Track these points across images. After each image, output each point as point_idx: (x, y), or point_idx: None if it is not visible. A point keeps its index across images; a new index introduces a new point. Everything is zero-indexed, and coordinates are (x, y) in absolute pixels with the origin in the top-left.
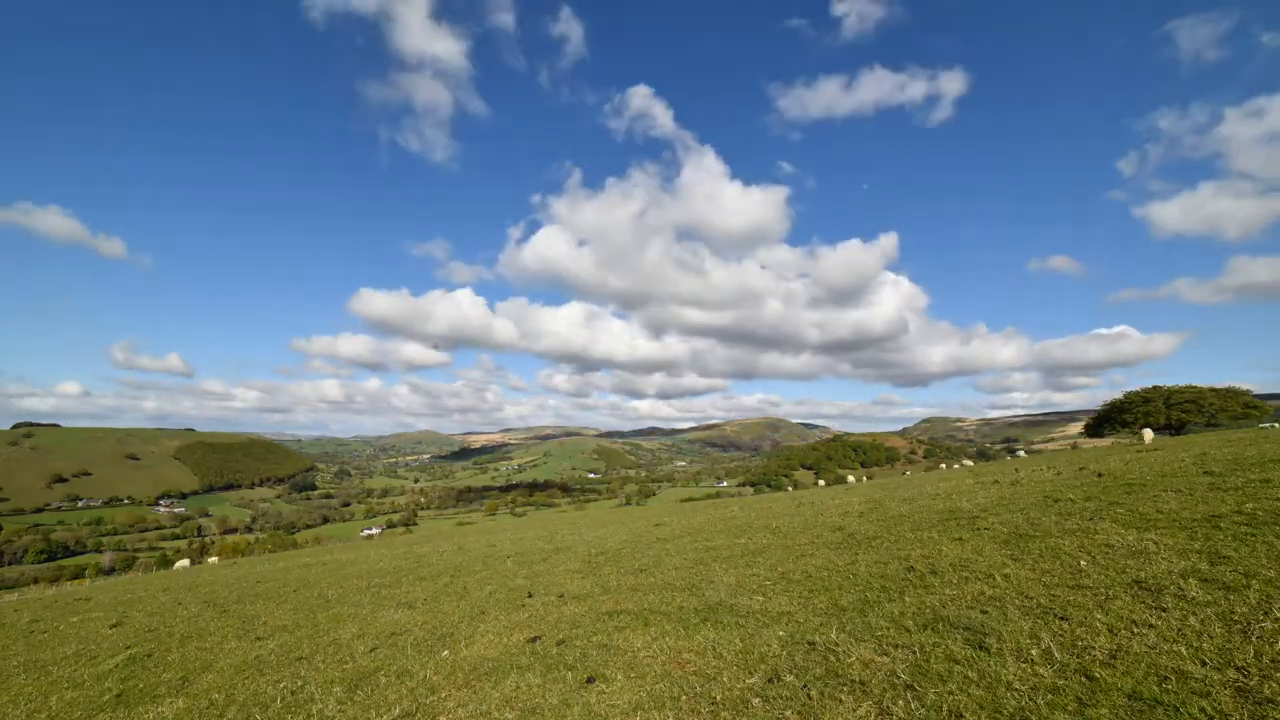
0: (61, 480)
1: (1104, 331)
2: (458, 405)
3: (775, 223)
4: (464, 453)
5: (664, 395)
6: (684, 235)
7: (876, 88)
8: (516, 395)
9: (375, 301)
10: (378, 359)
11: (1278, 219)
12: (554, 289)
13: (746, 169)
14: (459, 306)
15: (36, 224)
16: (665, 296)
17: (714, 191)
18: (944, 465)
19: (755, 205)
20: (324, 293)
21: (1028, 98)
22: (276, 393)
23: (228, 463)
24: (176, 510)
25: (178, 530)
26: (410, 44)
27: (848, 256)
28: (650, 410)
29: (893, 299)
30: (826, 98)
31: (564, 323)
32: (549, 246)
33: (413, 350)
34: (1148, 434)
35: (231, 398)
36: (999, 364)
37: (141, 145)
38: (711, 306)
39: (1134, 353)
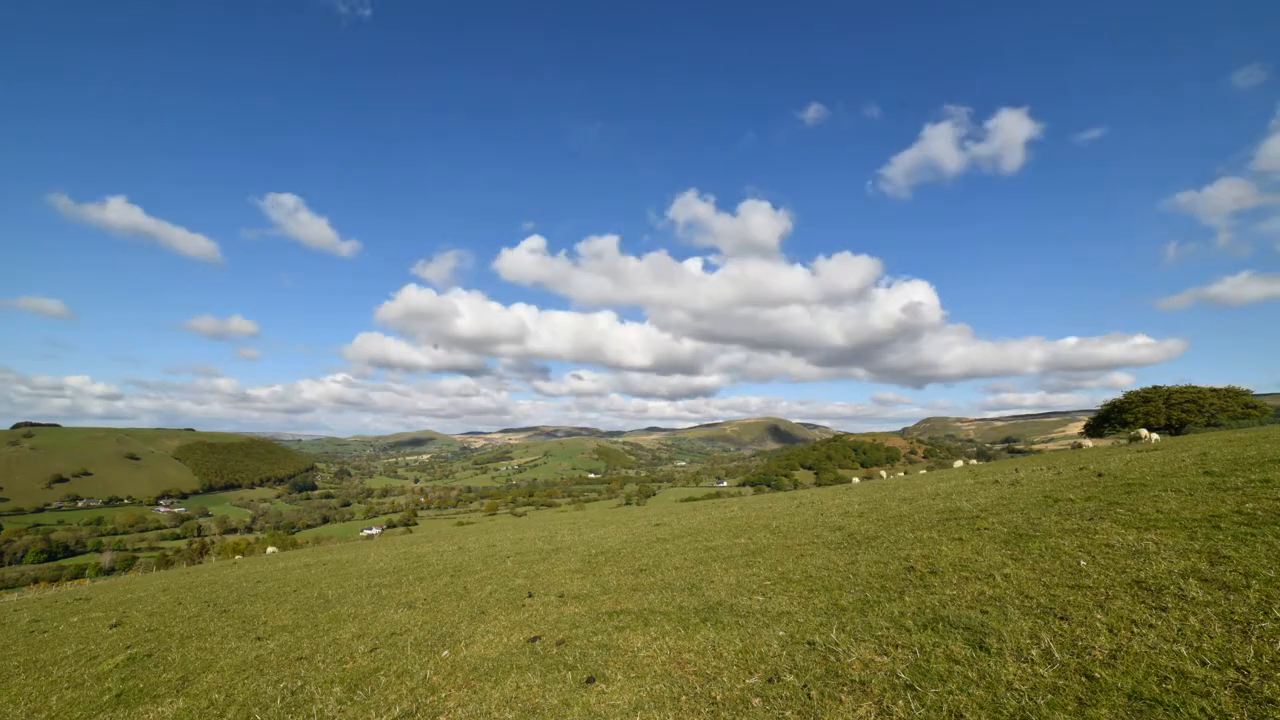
0: (61, 480)
1: (1118, 336)
2: (461, 407)
3: (776, 234)
4: (464, 453)
5: (664, 395)
6: (681, 249)
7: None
8: (520, 397)
9: (395, 309)
10: (398, 362)
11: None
12: (555, 297)
13: (747, 186)
14: (467, 313)
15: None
16: (669, 302)
17: (703, 212)
18: (983, 459)
19: (756, 220)
20: (350, 300)
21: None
22: (293, 395)
23: (228, 463)
24: (176, 510)
25: (178, 530)
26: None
27: (855, 264)
28: (651, 410)
29: (902, 303)
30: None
31: (567, 325)
32: (549, 264)
33: (422, 354)
34: (1087, 441)
35: (250, 399)
36: (1011, 367)
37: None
38: (712, 316)
39: (1144, 356)
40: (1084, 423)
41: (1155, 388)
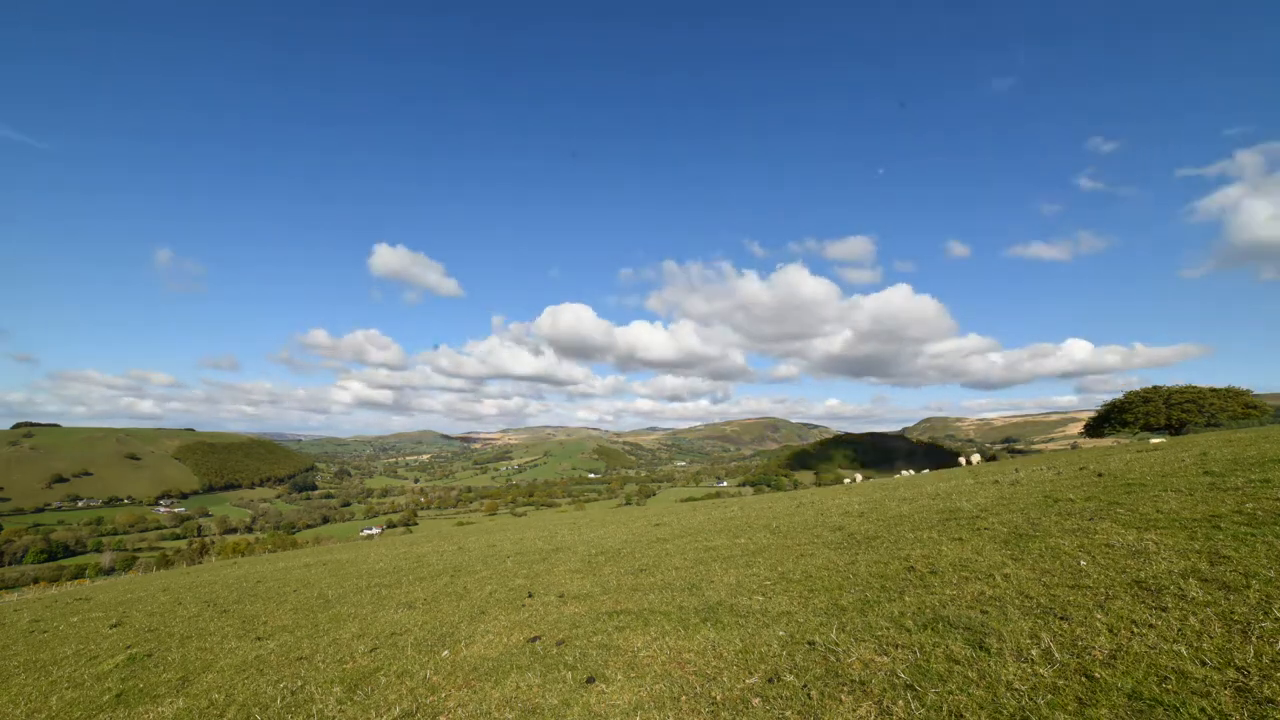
0: (62, 480)
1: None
2: (466, 409)
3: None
4: (464, 452)
5: (664, 395)
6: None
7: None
8: (533, 398)
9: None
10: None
11: None
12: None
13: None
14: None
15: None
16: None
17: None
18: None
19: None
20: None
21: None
22: (319, 396)
23: (228, 463)
24: (177, 510)
25: (178, 530)
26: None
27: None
28: (651, 409)
29: (923, 313)
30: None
31: (570, 319)
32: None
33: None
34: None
35: (281, 399)
36: (1025, 374)
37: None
38: (718, 317)
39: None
40: (1084, 423)
41: (1155, 388)
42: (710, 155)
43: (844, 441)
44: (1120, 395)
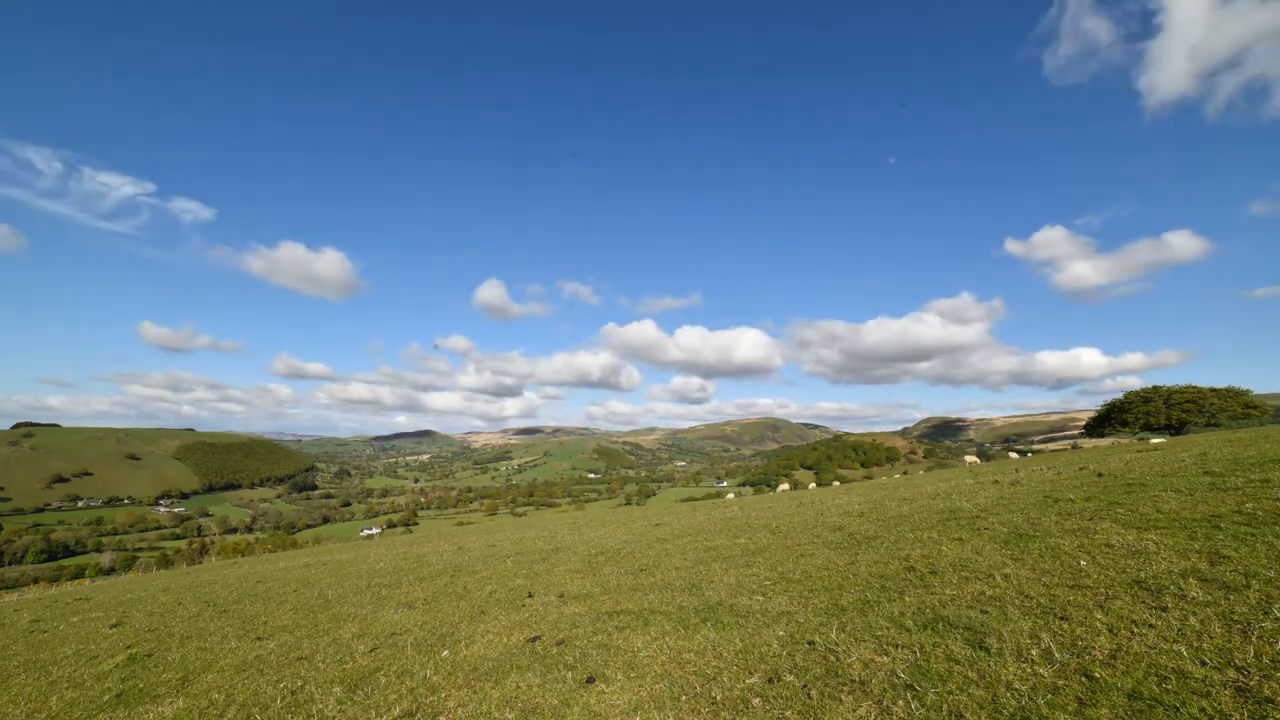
0: (62, 480)
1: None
2: (470, 409)
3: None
4: (464, 452)
5: (664, 395)
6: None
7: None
8: (527, 397)
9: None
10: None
11: None
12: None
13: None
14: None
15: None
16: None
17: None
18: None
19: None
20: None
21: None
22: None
23: (228, 463)
24: (177, 510)
25: (178, 530)
26: None
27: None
28: (650, 410)
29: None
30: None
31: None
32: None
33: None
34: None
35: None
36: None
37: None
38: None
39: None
40: (1084, 423)
41: (1155, 388)
42: (713, 157)
43: (844, 441)
44: (1120, 395)
